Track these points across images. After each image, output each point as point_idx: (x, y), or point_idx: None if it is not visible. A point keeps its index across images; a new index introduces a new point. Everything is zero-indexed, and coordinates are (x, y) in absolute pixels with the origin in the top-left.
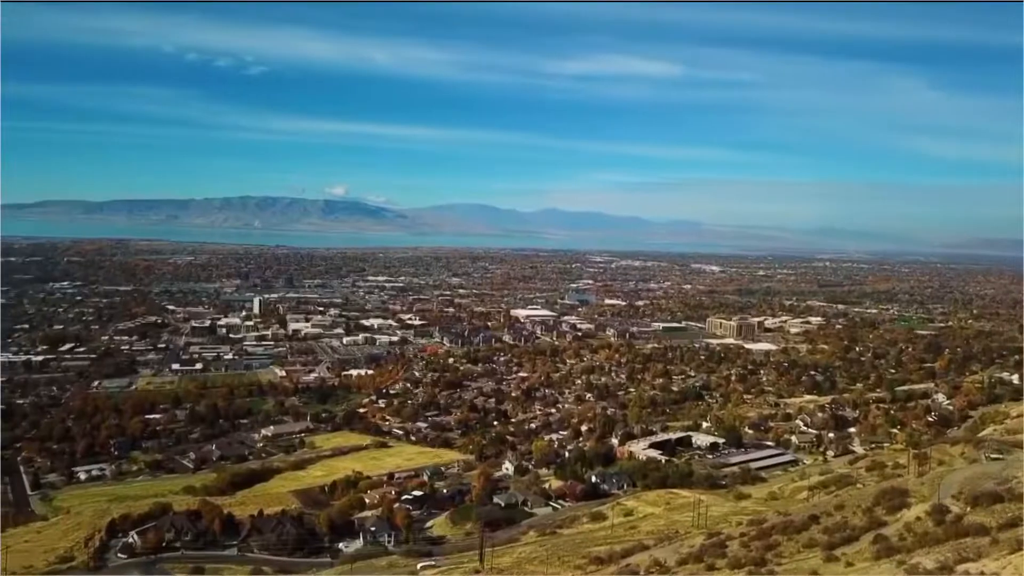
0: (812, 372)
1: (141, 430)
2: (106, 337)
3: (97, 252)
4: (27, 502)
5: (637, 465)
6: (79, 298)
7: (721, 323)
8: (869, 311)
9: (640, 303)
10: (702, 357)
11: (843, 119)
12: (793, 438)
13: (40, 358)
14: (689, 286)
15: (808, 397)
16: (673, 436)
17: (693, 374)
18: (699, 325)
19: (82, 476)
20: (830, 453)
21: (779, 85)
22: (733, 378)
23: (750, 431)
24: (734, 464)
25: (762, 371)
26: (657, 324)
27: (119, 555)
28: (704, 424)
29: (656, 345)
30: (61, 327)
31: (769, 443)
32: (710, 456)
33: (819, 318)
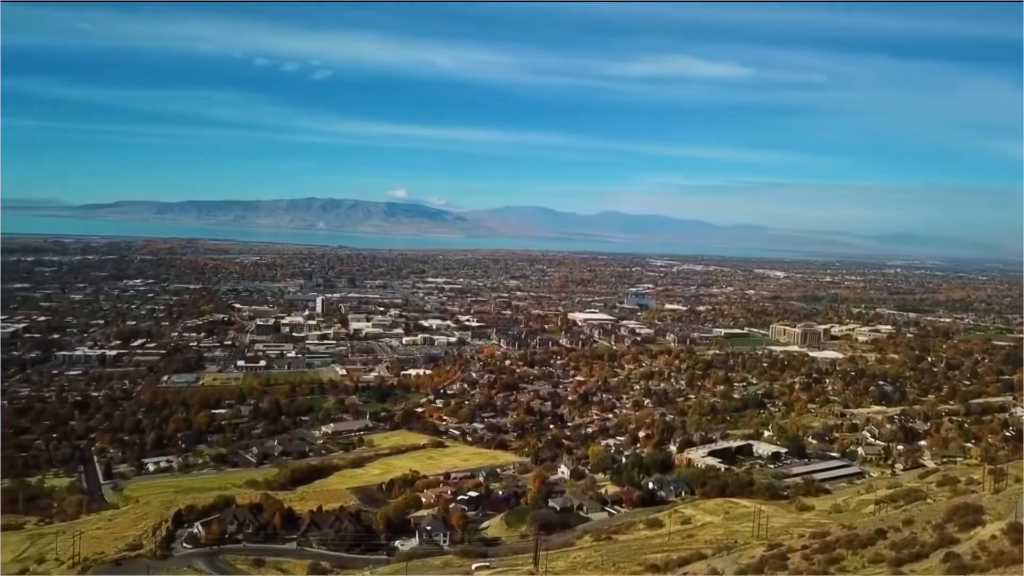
0: (881, 382)
1: (207, 424)
2: (175, 333)
3: (168, 251)
4: (100, 490)
5: (696, 473)
6: (151, 295)
7: (785, 330)
8: (942, 320)
9: (701, 308)
10: (764, 364)
11: (915, 121)
12: (859, 450)
13: (114, 352)
14: (752, 291)
15: (876, 408)
16: (733, 444)
17: (755, 381)
18: (762, 332)
19: (151, 467)
20: (899, 466)
21: (848, 86)
22: (797, 386)
23: (814, 441)
24: (796, 474)
25: (827, 380)
26: (719, 330)
27: (184, 545)
28: (765, 433)
29: (717, 351)
30: (134, 323)
31: (834, 454)
32: (771, 466)
33: (889, 326)
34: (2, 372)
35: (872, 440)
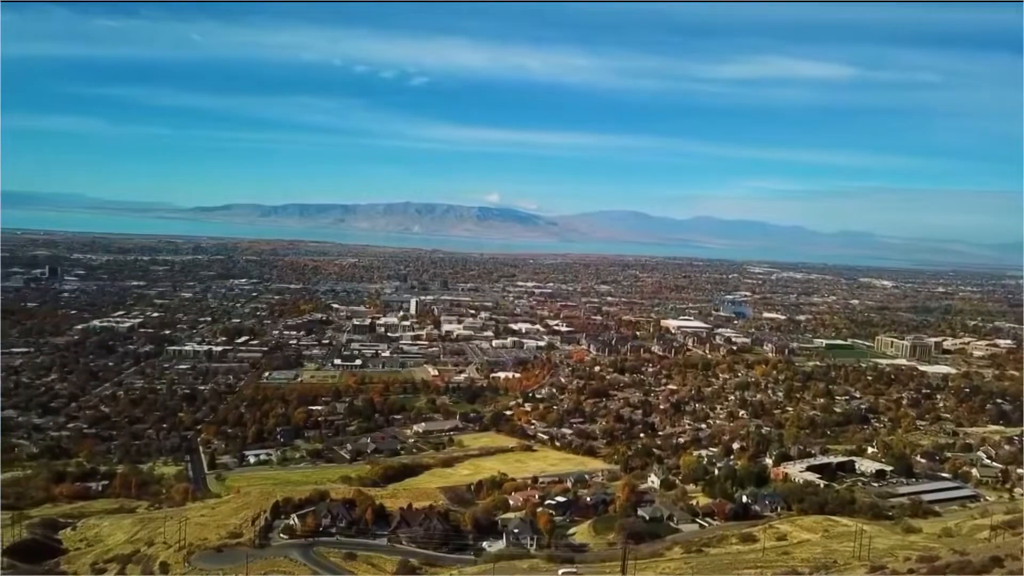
0: (998, 400)
1: (304, 420)
2: (276, 331)
3: (272, 252)
4: (204, 480)
5: (793, 488)
6: (255, 294)
7: (892, 342)
8: None
9: (802, 318)
10: (869, 378)
11: None
12: (974, 471)
13: (219, 348)
14: (857, 301)
15: (993, 427)
16: (834, 460)
17: (858, 395)
18: (867, 343)
19: (251, 459)
20: (1018, 490)
21: (961, 85)
22: (904, 402)
23: (922, 460)
24: (903, 494)
25: (939, 396)
26: (820, 340)
27: (281, 535)
28: (869, 449)
29: (818, 363)
30: (238, 321)
31: (944, 475)
32: (875, 484)
33: (1008, 341)
34: (118, 364)
35: (988, 461)
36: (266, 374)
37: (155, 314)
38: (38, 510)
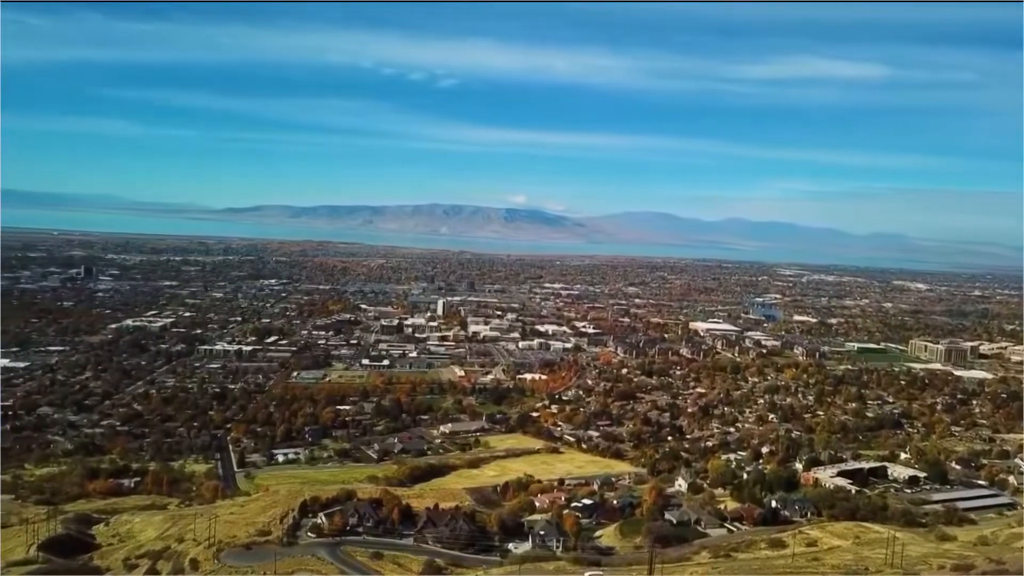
0: None
1: (332, 419)
2: (305, 331)
3: (301, 253)
4: (234, 478)
5: (823, 493)
6: (284, 295)
7: (927, 346)
8: None
9: (833, 321)
10: (902, 382)
11: None
12: (1011, 479)
13: (249, 348)
14: (890, 304)
15: None
16: (866, 465)
17: (891, 400)
18: (900, 347)
19: (280, 458)
20: None
21: (995, 84)
22: (939, 407)
23: (957, 467)
24: (937, 501)
25: (974, 402)
26: (852, 344)
27: (309, 534)
28: (902, 455)
29: (850, 367)
30: (268, 320)
31: (980, 482)
32: (908, 490)
33: None
34: (150, 363)
35: None
36: (295, 374)
37: (187, 314)
38: (72, 505)
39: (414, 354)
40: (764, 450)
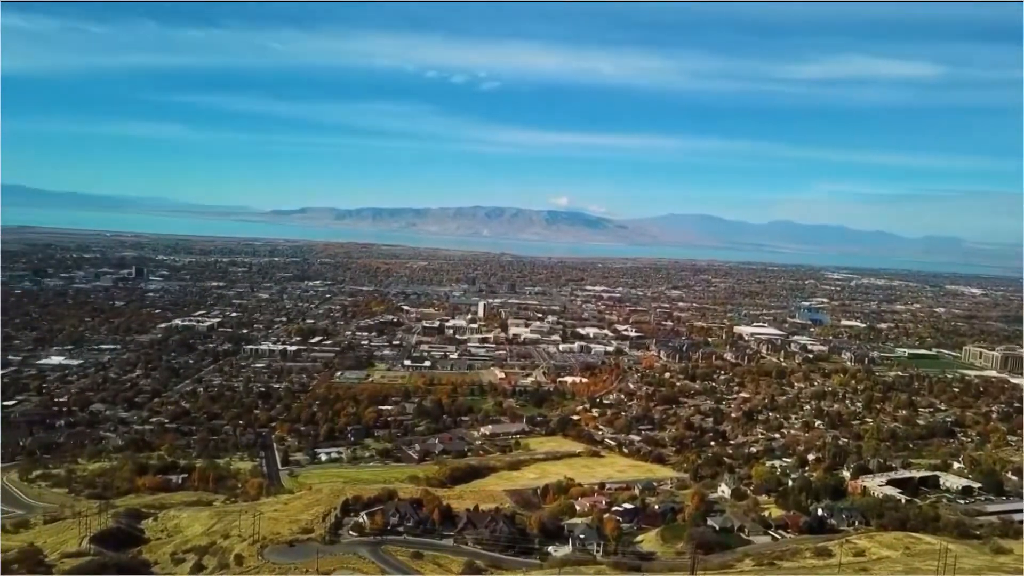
0: None
1: (374, 419)
2: (349, 332)
3: (345, 254)
4: (278, 475)
5: (872, 502)
6: (328, 296)
7: (981, 353)
8: None
9: (883, 326)
10: (955, 389)
11: None
12: None
13: (294, 348)
14: (943, 309)
15: None
16: (917, 474)
17: (943, 408)
18: (953, 354)
19: (323, 457)
20: None
21: None
22: (994, 416)
23: (1013, 477)
24: (992, 513)
25: None
26: (902, 350)
27: (350, 532)
28: (955, 465)
29: (900, 373)
30: (312, 321)
31: None
32: (961, 501)
33: None
34: (198, 362)
35: None
36: (338, 374)
37: (233, 314)
38: (123, 500)
39: (455, 355)
40: (810, 457)
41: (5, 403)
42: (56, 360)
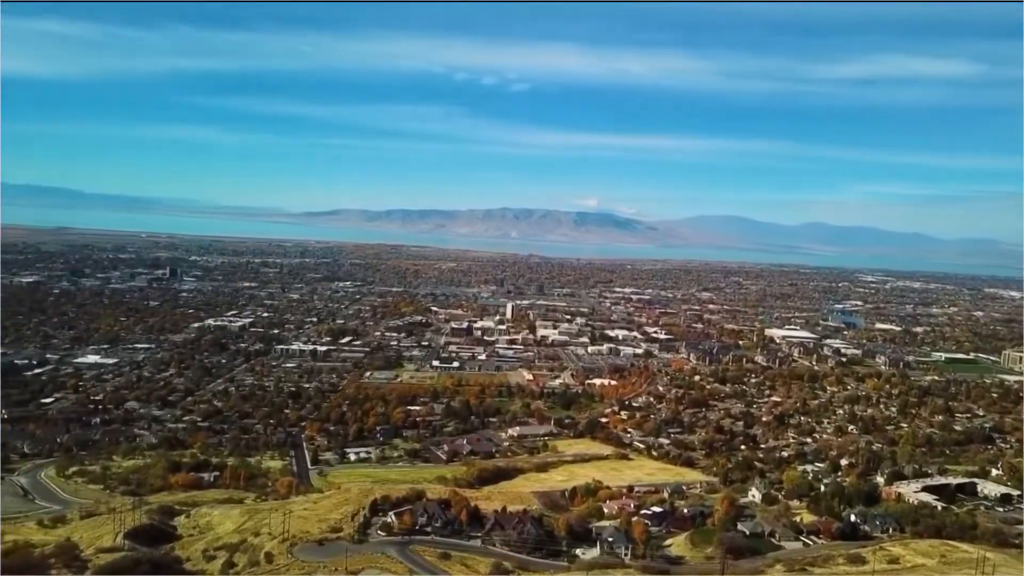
0: None
1: (403, 419)
2: (378, 333)
3: (375, 256)
4: (307, 474)
5: (906, 509)
6: (358, 296)
7: (1021, 357)
8: None
9: (919, 329)
10: (994, 395)
11: None
12: None
13: (324, 348)
14: (981, 313)
15: None
16: (953, 481)
17: (981, 413)
18: (992, 358)
19: (352, 456)
20: None
21: None
22: None
23: None
24: None
25: None
26: (938, 354)
27: (379, 532)
28: (993, 472)
29: (936, 377)
30: (342, 322)
31: None
32: (1000, 509)
33: None
34: (230, 362)
35: None
36: (367, 374)
37: (265, 314)
38: (156, 497)
39: (483, 356)
40: (843, 462)
41: (43, 400)
42: (92, 359)
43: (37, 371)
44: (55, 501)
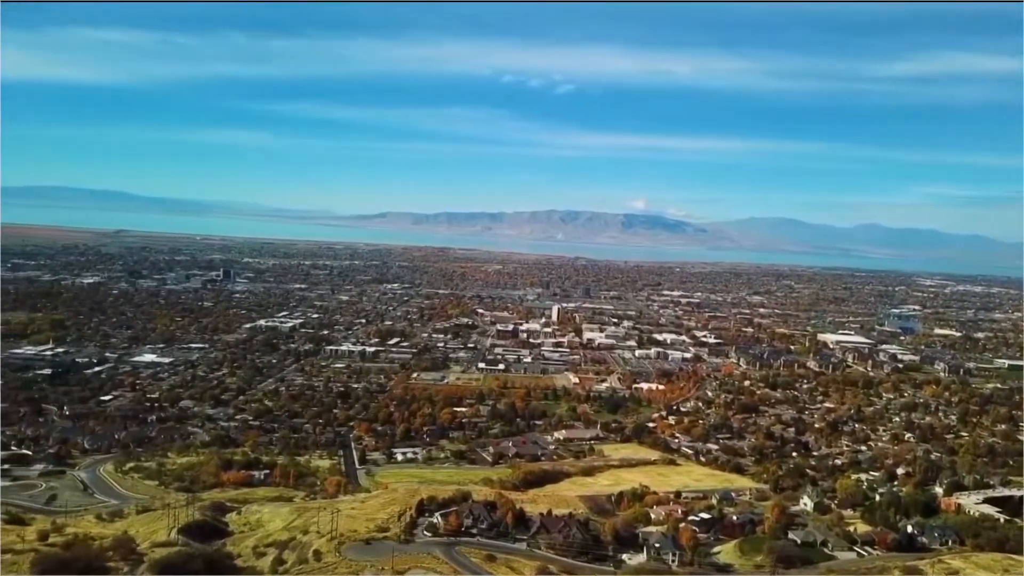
0: None
1: (449, 421)
2: (425, 334)
3: (423, 258)
4: (355, 474)
5: (967, 520)
6: (406, 298)
7: None
8: None
9: (980, 335)
10: None
11: None
12: None
13: (372, 349)
14: None
15: None
16: (1017, 493)
17: None
18: None
19: (399, 457)
20: None
21: None
22: None
23: None
24: None
25: None
26: (1001, 361)
27: (425, 532)
28: None
29: (999, 385)
30: (390, 323)
31: None
32: None
33: None
34: (280, 362)
35: None
36: (415, 375)
37: (315, 315)
38: (209, 494)
39: (529, 359)
40: (899, 471)
41: (102, 398)
42: (149, 358)
43: (97, 369)
44: (113, 496)
